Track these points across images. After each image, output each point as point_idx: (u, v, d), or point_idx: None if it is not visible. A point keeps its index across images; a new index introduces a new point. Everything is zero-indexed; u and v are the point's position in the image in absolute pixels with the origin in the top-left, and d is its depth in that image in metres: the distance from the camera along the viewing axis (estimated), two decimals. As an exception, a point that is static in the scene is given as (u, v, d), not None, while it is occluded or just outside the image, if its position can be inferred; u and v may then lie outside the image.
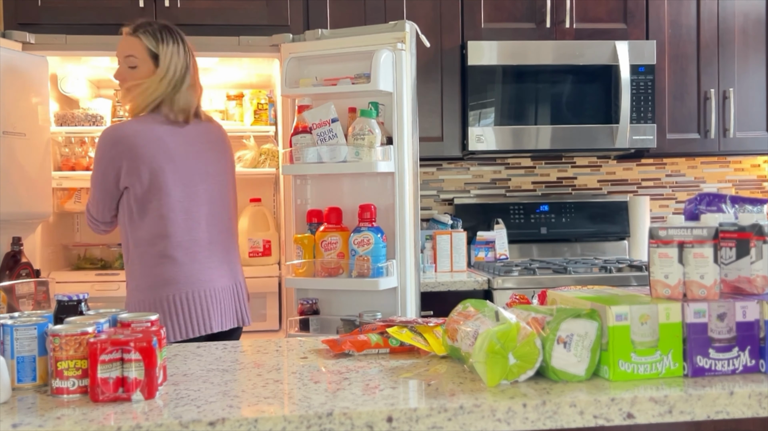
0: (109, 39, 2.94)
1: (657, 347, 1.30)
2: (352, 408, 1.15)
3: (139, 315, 1.38)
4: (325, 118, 2.55)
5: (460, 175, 3.72)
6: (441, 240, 3.37)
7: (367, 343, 1.54)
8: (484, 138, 3.25)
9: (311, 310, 2.59)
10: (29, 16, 3.06)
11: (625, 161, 3.78)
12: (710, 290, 1.33)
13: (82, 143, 3.28)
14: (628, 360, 1.29)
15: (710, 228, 1.34)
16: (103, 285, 3.08)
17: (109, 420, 1.11)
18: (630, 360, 1.29)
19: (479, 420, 1.16)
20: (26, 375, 1.29)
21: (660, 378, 1.30)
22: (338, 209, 2.57)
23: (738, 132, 3.44)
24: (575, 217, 3.65)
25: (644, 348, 1.30)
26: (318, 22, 3.17)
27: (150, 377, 1.22)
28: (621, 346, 1.29)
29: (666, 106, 3.41)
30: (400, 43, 2.57)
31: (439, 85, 3.30)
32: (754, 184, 3.87)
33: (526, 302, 1.65)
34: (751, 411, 1.22)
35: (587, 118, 3.30)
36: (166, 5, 3.09)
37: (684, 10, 3.41)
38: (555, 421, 1.18)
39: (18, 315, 1.36)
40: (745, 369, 1.32)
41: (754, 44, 3.45)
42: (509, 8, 3.33)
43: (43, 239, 3.03)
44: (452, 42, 3.30)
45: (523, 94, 3.28)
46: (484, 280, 3.04)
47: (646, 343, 1.30)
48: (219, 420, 1.11)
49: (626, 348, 1.30)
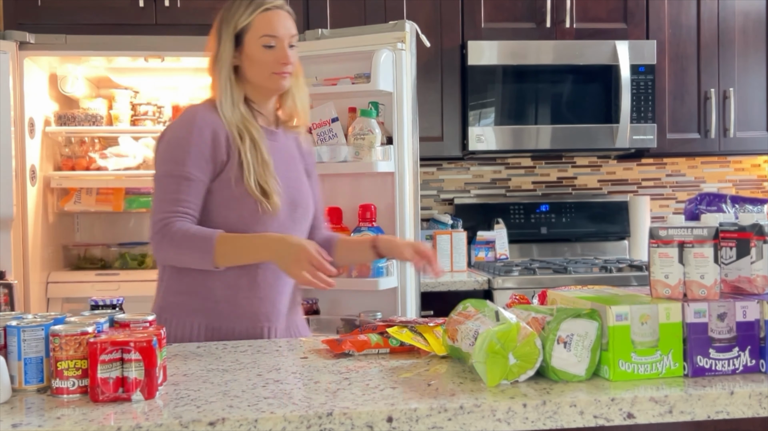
0: (109, 39, 2.95)
1: (657, 347, 1.30)
2: (352, 408, 1.15)
3: (138, 316, 1.38)
4: (325, 118, 2.55)
5: (460, 175, 3.71)
6: (441, 240, 3.37)
7: (367, 343, 1.54)
8: (484, 138, 3.25)
9: (311, 310, 2.59)
10: (29, 16, 3.06)
11: (625, 161, 3.78)
12: (710, 290, 1.33)
13: (82, 143, 3.28)
14: (629, 360, 1.29)
15: (710, 228, 1.34)
16: (103, 285, 3.08)
17: (109, 420, 1.11)
18: (630, 360, 1.29)
19: (479, 420, 1.16)
20: (33, 376, 1.28)
21: (660, 378, 1.30)
22: (338, 209, 2.57)
23: (738, 132, 3.44)
24: (575, 217, 3.65)
25: (644, 348, 1.30)
26: (318, 22, 3.17)
27: (150, 377, 1.22)
28: (621, 346, 1.29)
29: (666, 105, 3.41)
30: (400, 43, 2.57)
31: (439, 85, 3.30)
32: (754, 184, 3.86)
33: (526, 302, 1.65)
34: (751, 411, 1.22)
35: (587, 117, 3.30)
36: (166, 5, 3.09)
37: (684, 9, 3.41)
38: (555, 421, 1.18)
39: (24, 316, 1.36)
40: (746, 369, 1.32)
41: (754, 44, 3.45)
42: (509, 8, 3.32)
43: (43, 239, 3.03)
44: (452, 42, 3.30)
45: (523, 93, 3.28)
46: (484, 280, 3.04)
47: (647, 343, 1.30)
48: (219, 420, 1.11)
49: (626, 348, 1.29)
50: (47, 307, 3.03)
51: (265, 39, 1.81)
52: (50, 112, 3.16)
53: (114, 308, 1.47)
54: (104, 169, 3.21)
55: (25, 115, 2.85)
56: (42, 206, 3.06)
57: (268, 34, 1.81)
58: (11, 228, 2.78)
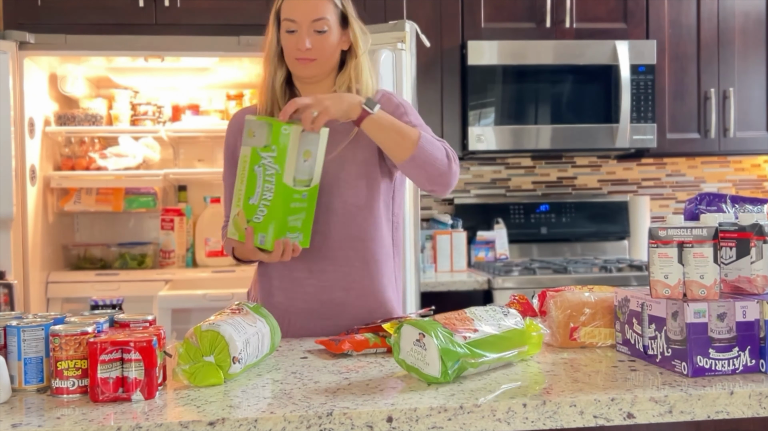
0: (109, 39, 2.95)
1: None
2: (352, 408, 1.15)
3: (138, 316, 1.38)
4: (325, 118, 2.54)
5: (460, 175, 3.71)
6: (441, 240, 3.37)
7: (365, 343, 1.55)
8: (484, 138, 3.25)
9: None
10: (29, 16, 3.06)
11: (625, 161, 3.77)
12: (710, 290, 1.33)
13: (82, 143, 3.28)
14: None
15: (710, 228, 1.34)
16: (103, 285, 3.08)
17: (109, 420, 1.11)
18: None
19: (479, 420, 1.16)
20: (33, 376, 1.28)
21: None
22: (338, 209, 2.57)
23: (738, 132, 3.44)
24: (575, 217, 3.65)
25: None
26: (318, 22, 3.16)
27: (150, 377, 1.22)
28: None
29: (666, 105, 3.41)
30: (400, 43, 2.58)
31: (439, 85, 3.30)
32: (754, 184, 3.86)
33: (526, 302, 1.65)
34: (751, 411, 1.22)
35: (587, 117, 3.30)
36: (166, 5, 3.09)
37: (684, 9, 3.41)
38: (555, 421, 1.18)
39: (25, 316, 1.36)
40: (745, 369, 1.32)
41: (754, 44, 3.45)
42: (509, 8, 3.32)
43: (42, 239, 3.03)
44: (452, 42, 3.30)
45: (523, 93, 3.28)
46: (484, 280, 3.04)
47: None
48: (219, 420, 1.11)
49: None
50: (47, 307, 3.03)
51: (286, 24, 1.78)
52: (50, 112, 3.16)
53: (114, 308, 1.47)
54: (104, 169, 3.21)
55: (25, 115, 2.85)
56: (42, 206, 3.06)
57: (287, 18, 1.77)
58: (11, 229, 2.78)
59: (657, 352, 1.37)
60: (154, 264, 3.32)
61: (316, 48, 1.76)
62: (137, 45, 2.94)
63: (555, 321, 1.55)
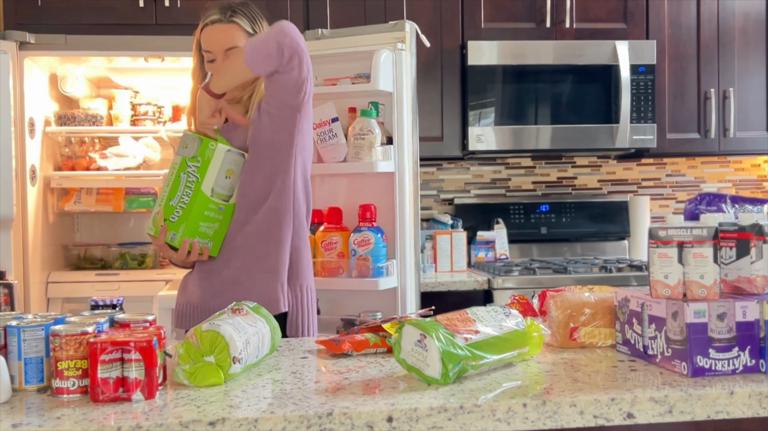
0: (109, 39, 2.95)
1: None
2: (352, 408, 1.15)
3: (138, 316, 1.38)
4: (325, 118, 2.55)
5: (460, 175, 3.72)
6: (441, 240, 3.37)
7: (365, 343, 1.55)
8: (484, 138, 3.25)
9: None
10: (29, 16, 3.06)
11: (625, 161, 3.78)
12: (710, 290, 1.33)
13: (82, 143, 3.28)
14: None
15: (710, 228, 1.34)
16: (103, 285, 3.09)
17: (109, 420, 1.11)
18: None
19: (479, 420, 1.16)
20: (33, 376, 1.28)
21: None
22: (338, 209, 2.57)
23: (738, 132, 3.44)
24: (575, 217, 3.65)
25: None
26: (318, 22, 3.17)
27: (150, 377, 1.22)
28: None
29: (666, 105, 3.41)
30: (400, 43, 2.57)
31: (439, 85, 3.30)
32: (754, 184, 3.87)
33: (526, 302, 1.65)
34: (751, 411, 1.22)
35: (587, 117, 3.30)
36: (166, 5, 3.09)
37: (684, 10, 3.41)
38: (555, 421, 1.18)
39: (25, 316, 1.36)
40: (745, 369, 1.32)
41: (754, 44, 3.45)
42: (509, 8, 3.33)
43: (43, 239, 3.03)
44: (452, 42, 3.30)
45: (523, 93, 3.28)
46: (484, 280, 3.04)
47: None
48: (219, 420, 1.11)
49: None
50: (47, 307, 3.04)
51: (205, 54, 1.97)
52: (50, 112, 3.16)
53: (114, 308, 1.47)
54: (104, 169, 3.21)
55: (25, 115, 2.86)
56: (42, 206, 3.06)
57: (205, 50, 1.97)
58: (11, 229, 2.78)
59: (657, 352, 1.37)
60: (154, 264, 3.31)
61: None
62: (137, 45, 2.95)
63: (555, 321, 1.55)
